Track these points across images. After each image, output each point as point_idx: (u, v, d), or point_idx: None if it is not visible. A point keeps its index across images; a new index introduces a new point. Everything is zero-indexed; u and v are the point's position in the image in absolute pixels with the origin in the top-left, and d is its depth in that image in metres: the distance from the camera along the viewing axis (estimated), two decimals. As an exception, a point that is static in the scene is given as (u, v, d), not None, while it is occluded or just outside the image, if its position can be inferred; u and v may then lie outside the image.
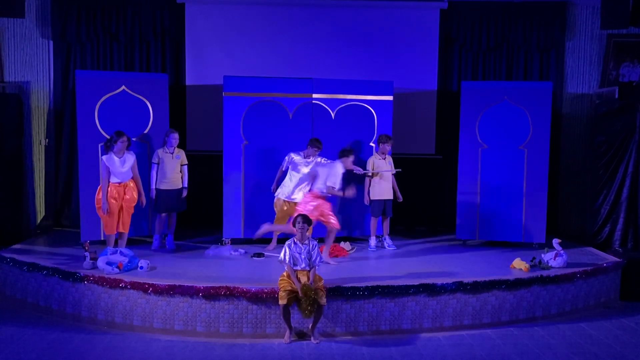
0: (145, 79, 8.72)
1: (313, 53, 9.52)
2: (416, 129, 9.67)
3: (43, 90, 9.37)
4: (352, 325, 6.46)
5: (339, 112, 8.70)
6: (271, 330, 6.36)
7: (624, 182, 8.66)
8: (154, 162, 8.16)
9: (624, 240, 8.61)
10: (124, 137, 7.55)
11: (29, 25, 9.25)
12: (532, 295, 6.97)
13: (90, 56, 9.37)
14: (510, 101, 8.63)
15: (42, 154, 9.44)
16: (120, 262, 6.86)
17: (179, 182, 8.27)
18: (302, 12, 9.52)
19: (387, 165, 8.44)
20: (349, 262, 7.77)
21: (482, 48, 9.67)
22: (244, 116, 8.47)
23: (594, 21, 9.45)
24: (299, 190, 8.15)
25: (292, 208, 8.05)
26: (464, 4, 9.57)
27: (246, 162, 8.52)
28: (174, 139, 8.14)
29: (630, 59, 9.48)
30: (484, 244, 8.75)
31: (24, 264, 7.15)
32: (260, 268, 7.35)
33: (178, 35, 9.50)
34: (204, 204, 9.30)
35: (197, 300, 6.36)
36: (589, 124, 9.47)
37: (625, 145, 8.67)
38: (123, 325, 6.52)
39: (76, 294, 6.76)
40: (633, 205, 8.62)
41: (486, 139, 8.63)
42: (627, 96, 8.95)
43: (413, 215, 9.79)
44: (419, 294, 6.55)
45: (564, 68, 9.60)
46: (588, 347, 6.24)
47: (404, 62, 9.57)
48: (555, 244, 7.57)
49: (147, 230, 8.59)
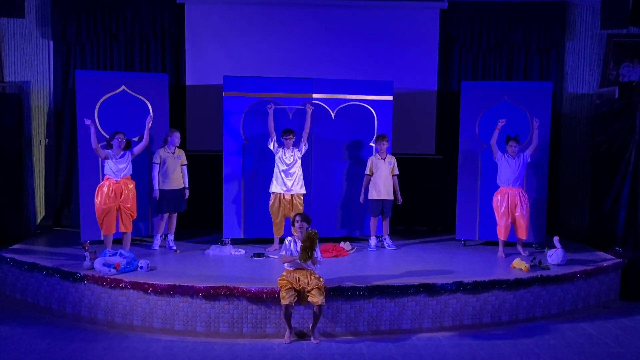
0: (145, 78, 8.73)
1: (313, 53, 9.52)
2: (416, 129, 9.67)
3: (43, 90, 9.37)
4: (352, 325, 6.46)
5: (339, 112, 8.70)
6: (271, 330, 6.36)
7: (624, 182, 8.65)
8: (155, 162, 8.16)
9: (624, 240, 8.61)
10: (120, 135, 7.66)
11: (29, 25, 9.25)
12: (532, 295, 6.97)
13: (90, 56, 9.37)
14: (510, 101, 8.64)
15: (42, 154, 9.44)
16: (117, 262, 6.86)
17: (180, 182, 8.27)
18: (302, 11, 9.52)
19: (387, 165, 8.43)
20: (349, 262, 7.77)
21: (482, 48, 9.67)
22: (244, 116, 8.47)
23: (594, 21, 9.45)
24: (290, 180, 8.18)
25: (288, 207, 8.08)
26: (464, 4, 9.57)
27: (246, 162, 8.52)
28: (177, 138, 8.16)
29: (630, 59, 9.48)
30: (484, 244, 8.75)
31: (24, 264, 7.15)
32: (260, 268, 7.35)
33: (178, 35, 9.50)
34: (204, 204, 9.30)
35: (197, 300, 6.36)
36: (589, 124, 9.47)
37: (625, 145, 8.66)
38: (123, 325, 6.52)
39: (76, 294, 6.76)
40: (633, 205, 8.62)
41: (486, 139, 8.62)
42: (627, 96, 8.96)
43: (413, 215, 9.79)
44: (419, 294, 6.55)
45: (564, 68, 9.60)
46: (588, 347, 6.24)
47: (404, 62, 9.57)
48: (555, 241, 7.60)
49: (146, 231, 8.59)
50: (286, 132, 8.15)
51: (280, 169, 8.17)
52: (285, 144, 8.15)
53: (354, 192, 8.72)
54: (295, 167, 8.20)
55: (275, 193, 8.24)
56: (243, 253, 8.06)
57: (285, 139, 8.13)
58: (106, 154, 7.65)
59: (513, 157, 7.98)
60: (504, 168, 8.03)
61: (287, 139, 8.12)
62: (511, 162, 7.98)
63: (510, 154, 7.98)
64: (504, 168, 8.02)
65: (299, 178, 8.24)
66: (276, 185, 8.23)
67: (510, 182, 7.98)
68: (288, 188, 8.18)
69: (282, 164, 8.16)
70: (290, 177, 8.18)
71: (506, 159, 8.01)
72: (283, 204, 8.22)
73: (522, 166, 8.00)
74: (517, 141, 7.99)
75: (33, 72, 9.33)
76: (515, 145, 7.98)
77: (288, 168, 8.16)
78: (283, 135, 8.14)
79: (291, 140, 8.13)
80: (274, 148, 8.20)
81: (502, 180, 8.05)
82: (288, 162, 8.15)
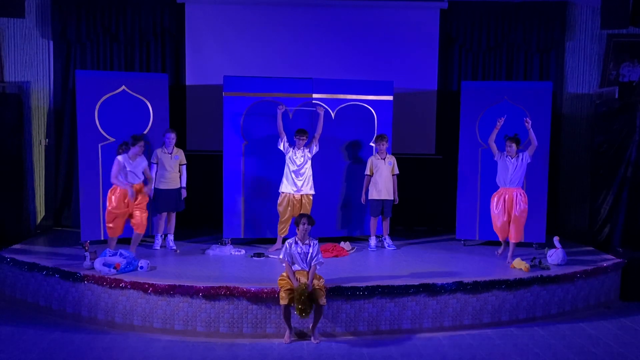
0: (145, 79, 8.72)
1: (313, 53, 9.52)
2: (416, 129, 9.67)
3: (43, 90, 9.37)
4: (352, 325, 6.46)
5: (339, 112, 8.70)
6: (271, 330, 6.36)
7: (624, 182, 8.65)
8: (152, 162, 8.16)
9: (624, 240, 8.60)
10: (141, 142, 7.56)
11: (29, 25, 9.25)
12: (532, 295, 6.97)
13: (90, 56, 9.37)
14: (510, 101, 8.64)
15: (42, 154, 9.44)
16: (117, 262, 6.85)
17: (177, 181, 8.27)
18: (302, 11, 9.52)
19: (387, 165, 8.43)
20: (349, 262, 7.77)
21: (482, 48, 9.67)
22: (244, 116, 8.47)
23: (594, 21, 9.45)
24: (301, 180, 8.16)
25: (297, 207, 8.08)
26: (464, 4, 9.57)
27: (246, 162, 8.52)
28: (169, 138, 8.14)
29: (630, 59, 9.47)
30: (484, 244, 8.75)
31: (24, 264, 7.15)
32: (260, 268, 7.35)
33: (178, 35, 9.50)
34: (204, 204, 9.31)
35: (197, 300, 6.36)
36: (589, 124, 9.47)
37: (625, 145, 8.66)
38: (123, 325, 6.52)
39: (76, 294, 6.76)
40: (633, 205, 8.61)
41: (486, 139, 8.61)
42: (627, 96, 8.96)
43: (413, 215, 9.79)
44: (419, 294, 6.55)
45: (564, 68, 9.60)
46: (588, 347, 6.24)
47: (404, 62, 9.57)
48: (555, 241, 7.60)
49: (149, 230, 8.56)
50: (300, 132, 8.13)
51: (291, 169, 8.15)
52: (297, 144, 8.13)
53: (354, 192, 8.72)
54: (306, 168, 8.18)
55: (285, 193, 8.23)
56: (243, 253, 8.06)
57: (298, 138, 8.11)
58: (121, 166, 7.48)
59: (512, 157, 7.88)
60: (502, 168, 7.93)
61: (300, 139, 8.10)
62: (509, 162, 7.88)
63: (508, 153, 7.90)
64: (502, 168, 7.92)
65: (308, 178, 8.21)
66: (286, 185, 8.21)
67: (507, 182, 7.86)
68: (298, 188, 8.16)
69: (293, 164, 8.14)
70: (301, 177, 8.16)
71: (505, 159, 7.91)
72: (292, 203, 8.21)
73: (522, 167, 7.87)
74: (514, 141, 7.87)
75: (33, 72, 9.33)
76: (513, 145, 7.87)
77: (299, 168, 8.14)
78: (296, 135, 8.12)
79: (303, 140, 8.12)
80: (284, 148, 8.16)
81: (500, 180, 7.96)
82: (299, 163, 8.13)
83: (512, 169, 7.84)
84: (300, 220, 6.39)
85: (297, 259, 6.31)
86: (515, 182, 7.88)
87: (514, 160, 7.85)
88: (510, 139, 7.85)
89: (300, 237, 6.34)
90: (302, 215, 6.49)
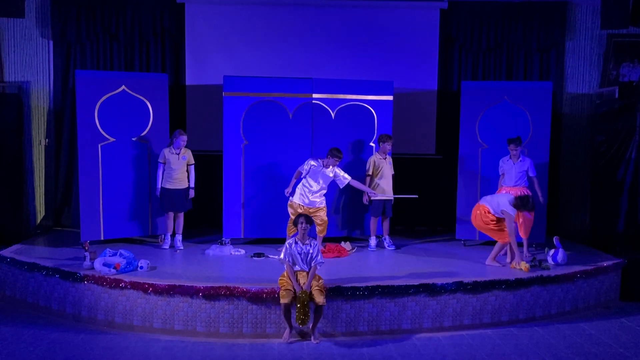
0: (145, 79, 8.72)
1: (313, 53, 9.51)
2: (416, 129, 9.67)
3: (43, 90, 9.37)
4: (352, 325, 6.46)
5: (339, 112, 8.70)
6: (271, 330, 6.36)
7: (624, 182, 8.65)
8: (160, 161, 8.18)
9: (624, 240, 8.60)
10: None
11: (29, 25, 9.25)
12: (532, 295, 6.97)
13: (90, 56, 9.37)
14: (510, 101, 8.64)
15: (42, 154, 9.44)
16: (117, 262, 6.85)
17: (185, 181, 8.27)
18: (303, 12, 9.52)
19: (388, 165, 8.44)
20: (349, 262, 7.77)
21: (482, 48, 9.67)
22: (244, 116, 8.47)
23: (594, 21, 9.45)
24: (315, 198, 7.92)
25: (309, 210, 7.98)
26: (464, 4, 9.57)
27: (246, 162, 8.52)
28: (182, 141, 8.13)
29: (630, 59, 9.47)
30: (484, 244, 8.75)
31: (24, 264, 7.15)
32: (260, 268, 7.35)
33: (178, 35, 9.50)
34: (204, 204, 9.30)
35: (197, 300, 6.36)
36: (589, 124, 9.47)
37: (625, 145, 8.67)
38: (123, 325, 6.52)
39: (76, 294, 6.76)
40: (633, 205, 8.62)
41: (486, 139, 8.63)
42: (627, 96, 8.96)
43: (413, 215, 9.79)
44: (419, 294, 6.55)
45: (564, 68, 9.60)
46: (588, 347, 6.24)
47: (404, 62, 9.57)
48: (555, 241, 7.60)
49: (147, 231, 8.58)
50: (336, 152, 7.83)
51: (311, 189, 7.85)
52: (329, 162, 7.83)
53: (354, 192, 8.71)
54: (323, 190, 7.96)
55: (298, 203, 7.93)
56: (243, 253, 8.06)
57: (332, 157, 7.80)
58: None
59: (515, 161, 7.99)
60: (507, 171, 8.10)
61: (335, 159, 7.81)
62: (512, 167, 8.01)
63: (512, 157, 8.00)
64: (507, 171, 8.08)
65: (322, 195, 8.00)
66: (299, 197, 7.92)
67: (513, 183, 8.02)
68: (310, 201, 7.91)
69: (315, 183, 7.86)
70: (315, 194, 7.92)
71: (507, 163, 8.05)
72: (304, 208, 7.91)
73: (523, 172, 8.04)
74: (518, 143, 7.96)
75: (33, 72, 9.33)
76: (516, 147, 7.95)
77: (318, 190, 7.90)
78: (332, 154, 7.81)
79: (337, 162, 7.86)
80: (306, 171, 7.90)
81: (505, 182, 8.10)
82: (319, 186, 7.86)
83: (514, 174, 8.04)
84: (298, 220, 6.40)
85: (298, 259, 6.31)
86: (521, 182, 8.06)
87: (516, 165, 8.04)
88: (514, 143, 7.94)
89: (300, 237, 6.34)
90: (300, 215, 6.50)
